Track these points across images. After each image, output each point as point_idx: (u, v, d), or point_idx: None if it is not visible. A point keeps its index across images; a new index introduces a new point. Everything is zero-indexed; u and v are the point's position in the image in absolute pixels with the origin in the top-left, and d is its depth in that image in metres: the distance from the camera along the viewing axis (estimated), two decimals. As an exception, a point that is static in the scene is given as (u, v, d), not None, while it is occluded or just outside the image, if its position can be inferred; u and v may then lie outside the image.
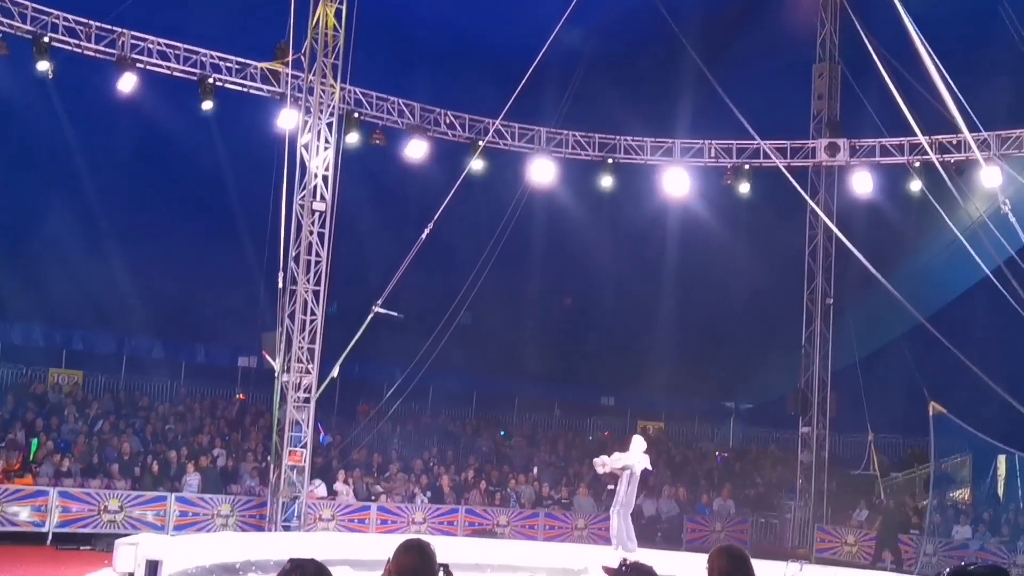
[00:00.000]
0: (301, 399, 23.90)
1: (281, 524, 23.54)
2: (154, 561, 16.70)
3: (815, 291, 29.49)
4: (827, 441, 29.32)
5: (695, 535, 29.00)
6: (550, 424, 36.47)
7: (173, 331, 34.50)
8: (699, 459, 34.72)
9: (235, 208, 31.02)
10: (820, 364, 29.33)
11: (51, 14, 23.14)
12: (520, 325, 37.41)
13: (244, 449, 27.33)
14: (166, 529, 23.24)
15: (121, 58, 23.67)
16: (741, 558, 5.58)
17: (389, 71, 29.42)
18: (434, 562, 5.35)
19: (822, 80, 29.64)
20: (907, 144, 27.37)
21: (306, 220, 23.98)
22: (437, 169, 27.53)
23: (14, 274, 30.37)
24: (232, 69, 24.97)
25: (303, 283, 23.88)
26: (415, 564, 5.32)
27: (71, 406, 26.86)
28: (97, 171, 31.12)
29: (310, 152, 24.18)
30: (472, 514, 27.04)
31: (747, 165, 28.60)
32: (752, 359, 37.45)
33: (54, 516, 22.52)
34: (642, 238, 34.85)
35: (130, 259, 32.40)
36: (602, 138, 29.07)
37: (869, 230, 29.26)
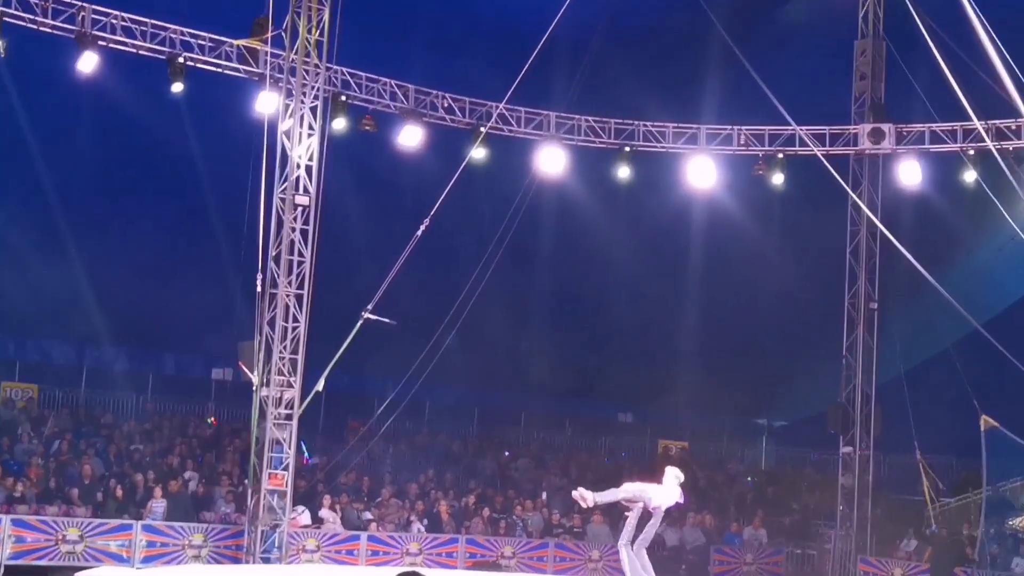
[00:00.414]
0: (282, 416, 23.86)
1: (260, 556, 23.50)
2: (118, 598, 16.69)
3: (857, 294, 29.42)
4: (871, 463, 29.22)
5: (724, 567, 28.94)
6: (561, 443, 36.43)
7: (139, 340, 34.52)
8: (727, 483, 34.66)
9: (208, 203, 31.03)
10: (863, 376, 29.23)
11: (2, -14, 23.12)
12: (527, 333, 37.37)
13: (219, 472, 27.31)
14: (132, 561, 23.19)
15: (81, 35, 23.63)
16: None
17: (380, 49, 29.42)
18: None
19: (865, 58, 29.55)
20: (960, 130, 27.29)
21: (287, 216, 23.95)
22: (434, 158, 27.50)
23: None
24: (204, 47, 24.92)
25: (284, 286, 23.84)
26: (410, 603, 5.29)
27: (25, 423, 26.82)
28: (54, 161, 31.13)
29: (292, 140, 24.15)
30: (474, 544, 26.98)
31: (781, 153, 28.53)
32: (787, 371, 37.42)
33: (6, 547, 22.47)
34: (663, 235, 34.81)
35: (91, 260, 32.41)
36: (618, 123, 29.02)
37: (917, 226, 29.22)
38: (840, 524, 29.42)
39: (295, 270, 24.01)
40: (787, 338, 36.10)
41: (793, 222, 32.59)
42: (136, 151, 31.83)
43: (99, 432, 27.89)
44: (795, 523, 31.58)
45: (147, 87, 26.51)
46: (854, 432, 29.23)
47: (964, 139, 27.30)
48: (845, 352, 29.56)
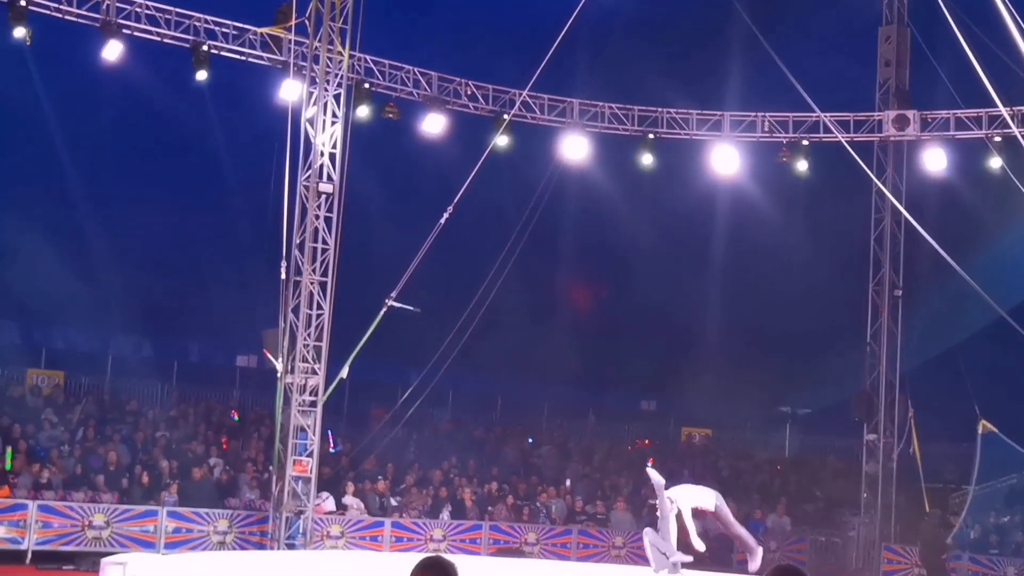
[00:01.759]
0: (306, 403, 23.94)
1: (285, 542, 23.59)
2: (144, 583, 16.76)
3: (881, 282, 29.33)
4: (895, 450, 29.15)
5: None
6: (583, 431, 36.42)
7: (164, 328, 34.64)
8: (751, 471, 34.61)
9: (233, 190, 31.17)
10: (887, 364, 29.16)
11: (28, -25, 23.21)
12: (550, 321, 37.36)
13: (243, 459, 27.41)
14: (157, 547, 23.30)
15: (106, 23, 23.72)
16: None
17: (404, 37, 29.49)
18: (457, 583, 5.33)
19: (889, 45, 29.44)
20: (986, 116, 27.18)
21: (311, 203, 24.00)
22: (457, 146, 27.52)
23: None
24: (229, 35, 24.99)
25: (308, 273, 23.89)
26: (435, 585, 5.29)
27: (51, 411, 26.95)
28: (79, 150, 31.28)
29: (315, 127, 24.19)
30: (497, 531, 27.05)
31: (805, 140, 28.46)
32: (810, 359, 37.31)
33: (33, 532, 22.61)
34: (687, 222, 34.77)
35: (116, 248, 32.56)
36: (642, 111, 28.99)
37: (942, 213, 29.12)
38: (864, 512, 29.37)
39: (319, 258, 24.06)
40: (811, 326, 35.98)
41: (817, 209, 32.50)
42: (160, 140, 31.96)
43: (124, 419, 28.00)
44: (819, 511, 31.53)
45: (171, 75, 26.60)
46: (878, 419, 29.17)
47: (989, 125, 27.19)
48: (869, 339, 29.49)
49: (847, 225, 31.49)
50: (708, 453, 35.71)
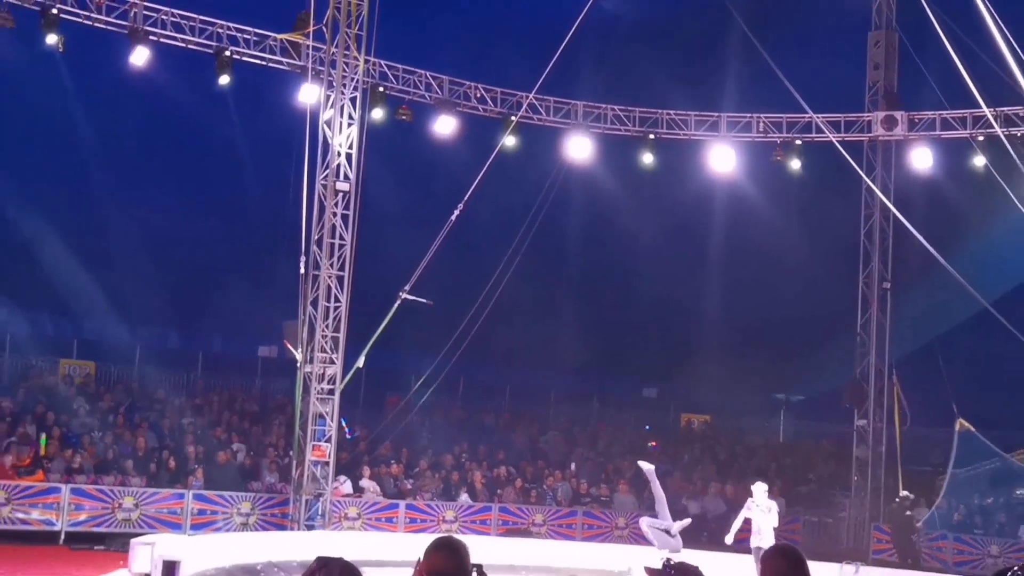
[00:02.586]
0: (325, 391, 23.97)
1: (304, 523, 23.64)
2: (171, 562, 16.84)
3: (871, 275, 29.31)
4: (884, 435, 29.14)
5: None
6: (588, 418, 36.41)
7: (189, 320, 34.70)
8: (747, 455, 34.60)
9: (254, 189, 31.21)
10: (877, 353, 29.15)
11: (59, -16, 23.25)
12: (556, 313, 37.36)
13: (265, 444, 27.45)
14: (183, 528, 23.36)
15: (133, 30, 23.76)
16: (797, 559, 5.52)
17: (416, 42, 29.49)
18: (467, 562, 5.33)
19: (878, 49, 29.40)
20: (970, 116, 27.13)
21: (329, 201, 24.01)
22: (467, 146, 27.52)
23: (21, 260, 30.58)
24: (250, 41, 25.02)
25: (326, 268, 23.92)
26: (447, 564, 5.29)
27: (82, 399, 27.00)
28: (108, 151, 31.36)
29: (332, 129, 24.20)
30: (506, 512, 27.06)
31: (798, 140, 28.43)
32: (804, 348, 37.28)
33: (66, 515, 22.67)
34: (686, 219, 34.76)
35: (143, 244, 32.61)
36: (643, 112, 28.97)
37: (929, 209, 29.07)
38: (854, 493, 29.38)
39: (336, 253, 24.08)
40: (804, 317, 35.97)
41: (810, 206, 32.48)
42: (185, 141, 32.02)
43: (152, 407, 28.05)
44: (812, 492, 31.52)
45: (196, 80, 26.64)
46: (868, 406, 29.17)
47: (974, 126, 27.14)
48: (859, 330, 29.47)
49: (838, 221, 31.46)
50: (706, 438, 35.70)
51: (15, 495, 22.40)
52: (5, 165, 29.85)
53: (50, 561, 20.46)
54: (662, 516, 20.22)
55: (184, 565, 16.92)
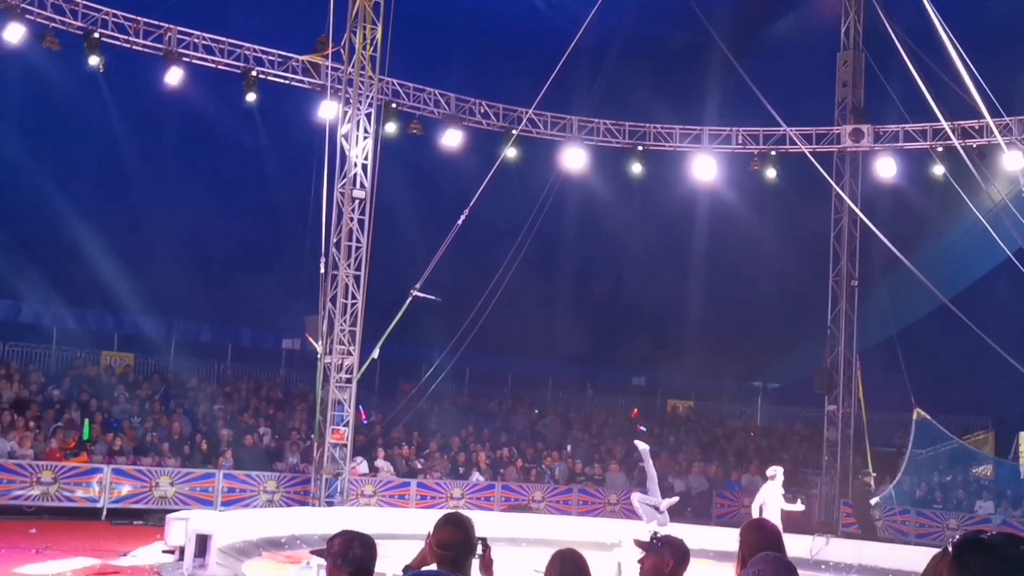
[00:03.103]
0: (343, 380, 24.01)
1: (325, 500, 23.68)
2: (204, 535, 16.86)
3: (840, 273, 29.35)
4: (852, 419, 29.18)
5: (724, 510, 28.96)
6: (583, 403, 36.45)
7: (219, 315, 34.69)
8: (727, 437, 34.65)
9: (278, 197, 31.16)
10: (845, 344, 29.18)
11: (101, 11, 23.29)
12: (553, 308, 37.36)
13: (288, 428, 27.49)
14: (215, 504, 23.41)
15: (168, 52, 23.81)
16: (773, 533, 5.57)
17: (425, 62, 29.44)
18: (473, 535, 5.37)
19: (846, 68, 29.42)
20: (930, 129, 27.16)
21: (346, 207, 24.05)
22: (472, 157, 27.52)
23: (69, 263, 30.60)
24: (274, 62, 25.06)
25: (344, 268, 23.95)
26: (455, 537, 5.34)
27: (122, 387, 27.06)
28: (146, 162, 31.33)
29: (350, 142, 24.23)
30: (508, 490, 27.12)
31: (773, 151, 28.47)
32: (779, 340, 37.29)
33: (108, 492, 22.72)
34: (672, 223, 34.73)
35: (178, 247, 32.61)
36: (632, 126, 29.00)
37: (893, 214, 29.09)
38: (825, 472, 29.42)
39: (353, 254, 24.11)
40: (780, 311, 35.97)
41: (784, 211, 32.46)
42: (216, 152, 31.98)
43: (186, 394, 28.10)
44: (786, 471, 31.37)
45: (225, 97, 26.64)
46: (837, 392, 29.20)
47: (933, 137, 27.17)
48: (830, 323, 29.51)
49: (810, 224, 31.46)
50: (690, 422, 35.76)
51: (62, 475, 22.46)
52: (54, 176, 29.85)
53: (94, 535, 20.50)
54: (652, 493, 20.24)
55: (215, 538, 16.95)
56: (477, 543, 5.39)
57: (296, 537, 20.48)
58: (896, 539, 26.14)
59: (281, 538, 20.42)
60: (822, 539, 22.29)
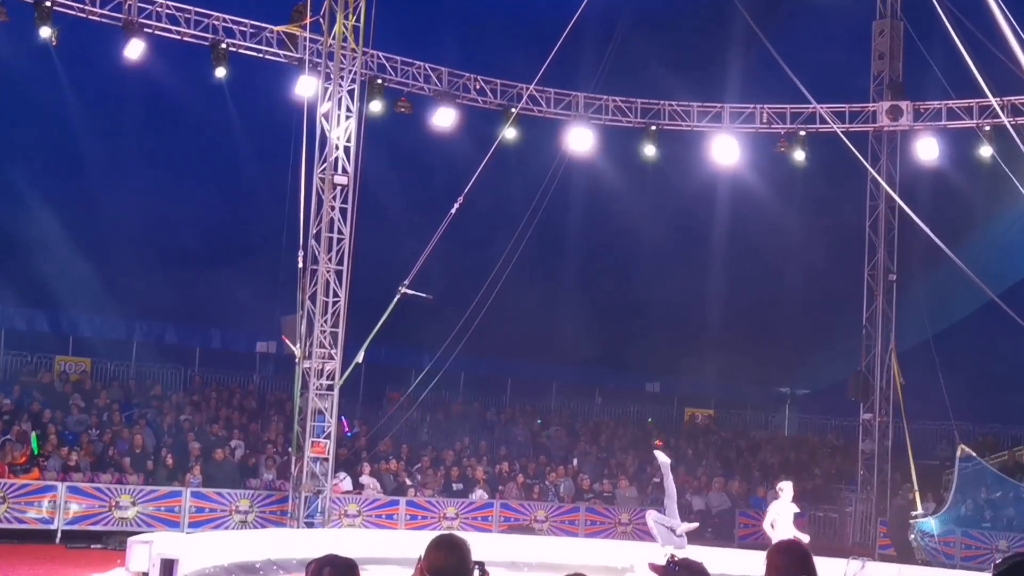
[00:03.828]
0: (324, 386, 23.99)
1: (304, 521, 23.66)
2: (169, 560, 16.85)
3: (876, 267, 29.33)
4: (890, 428, 29.16)
5: (748, 531, 28.94)
6: (590, 412, 36.46)
7: (186, 315, 34.69)
8: (752, 449, 34.65)
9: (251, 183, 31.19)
10: (882, 345, 29.16)
11: (53, -23, 23.22)
12: (557, 306, 37.37)
13: (263, 440, 27.47)
14: (181, 526, 23.39)
15: (128, 23, 23.74)
16: (804, 555, 5.54)
17: (414, 34, 29.44)
18: (469, 560, 5.34)
19: (883, 38, 29.39)
20: (976, 106, 27.11)
21: (327, 195, 24.01)
22: (467, 139, 27.52)
23: (15, 256, 30.57)
24: (246, 33, 25.02)
25: (324, 262, 23.92)
26: (448, 561, 5.30)
27: (78, 396, 27.03)
28: (104, 145, 31.32)
29: (330, 122, 24.19)
30: (508, 509, 27.10)
31: (802, 131, 28.42)
32: (808, 341, 37.31)
33: (63, 513, 22.69)
34: (689, 211, 34.76)
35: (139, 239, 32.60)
36: (645, 103, 28.96)
37: (935, 200, 29.10)
38: (860, 488, 29.41)
39: (335, 247, 24.08)
40: (809, 309, 36.00)
41: (814, 197, 32.47)
42: (181, 133, 31.98)
43: (149, 403, 28.07)
44: (817, 487, 31.55)
45: (191, 72, 26.63)
46: (874, 399, 29.19)
47: (980, 115, 27.13)
48: (865, 322, 29.49)
49: (843, 212, 31.48)
50: (710, 432, 35.74)
51: (11, 493, 22.45)
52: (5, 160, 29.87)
53: (47, 560, 20.49)
54: (670, 512, 20.25)
55: (182, 563, 16.94)
56: (473, 568, 5.36)
57: (272, 562, 20.47)
58: (940, 562, 26.10)
59: (255, 563, 20.40)
60: (857, 563, 22.25)
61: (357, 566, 5.31)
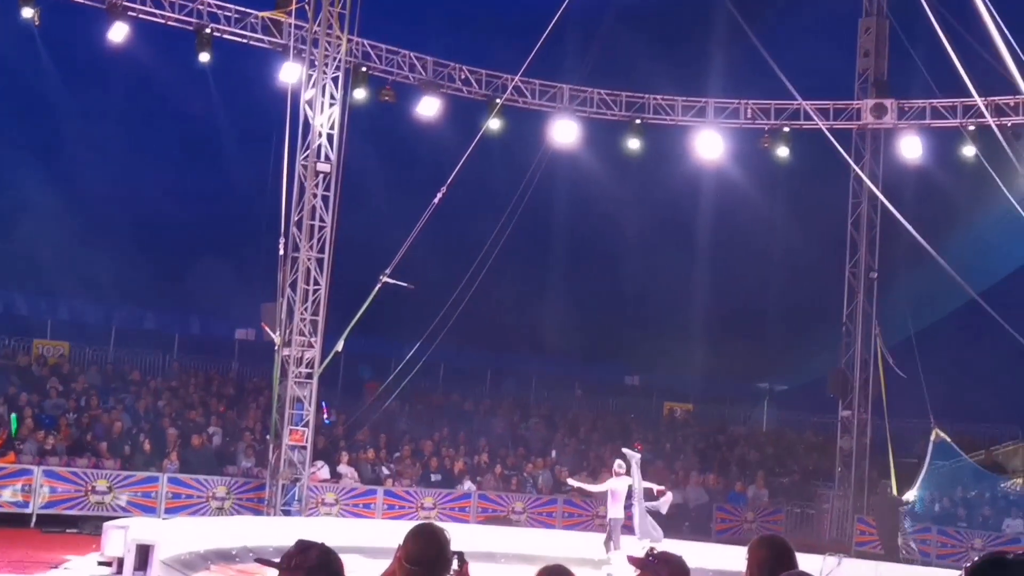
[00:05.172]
0: (303, 374, 23.91)
1: (281, 508, 23.60)
2: (145, 545, 16.76)
3: (858, 264, 29.37)
4: (869, 425, 29.22)
5: (725, 525, 28.98)
6: (569, 404, 36.43)
7: (166, 301, 34.57)
8: (730, 444, 34.68)
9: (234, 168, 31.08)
10: (862, 343, 29.21)
11: (36, -43, 23.06)
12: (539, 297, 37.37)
13: (241, 428, 27.37)
14: (158, 512, 23.28)
15: (112, 5, 23.58)
16: (784, 550, 5.50)
17: (400, 22, 29.39)
18: (448, 549, 5.29)
19: (869, 36, 29.40)
20: (960, 106, 27.17)
21: (309, 182, 23.92)
22: (451, 128, 27.45)
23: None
24: (231, 19, 24.89)
25: (306, 250, 23.83)
26: (427, 551, 5.25)
27: (56, 379, 26.89)
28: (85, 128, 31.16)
29: (314, 109, 24.09)
30: (486, 500, 27.06)
31: (786, 127, 28.45)
32: (788, 337, 37.38)
33: (38, 497, 22.57)
34: (672, 205, 34.77)
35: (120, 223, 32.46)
36: (629, 96, 28.93)
37: (918, 198, 29.14)
38: (838, 485, 29.46)
39: (316, 235, 24.00)
40: (789, 306, 36.06)
41: (797, 194, 32.52)
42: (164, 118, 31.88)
43: (127, 388, 27.96)
44: (794, 483, 31.62)
45: (175, 57, 26.51)
46: (853, 396, 29.24)
47: (964, 115, 27.18)
48: (845, 319, 29.53)
49: (826, 209, 31.53)
50: (688, 427, 35.77)
51: (-14, 476, 22.31)
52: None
53: (21, 544, 20.35)
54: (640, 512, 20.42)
55: (158, 549, 16.85)
56: (452, 558, 5.31)
57: (248, 549, 20.35)
58: (916, 559, 26.17)
59: (232, 550, 20.31)
60: (834, 559, 22.24)
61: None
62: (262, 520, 22.93)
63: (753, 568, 5.35)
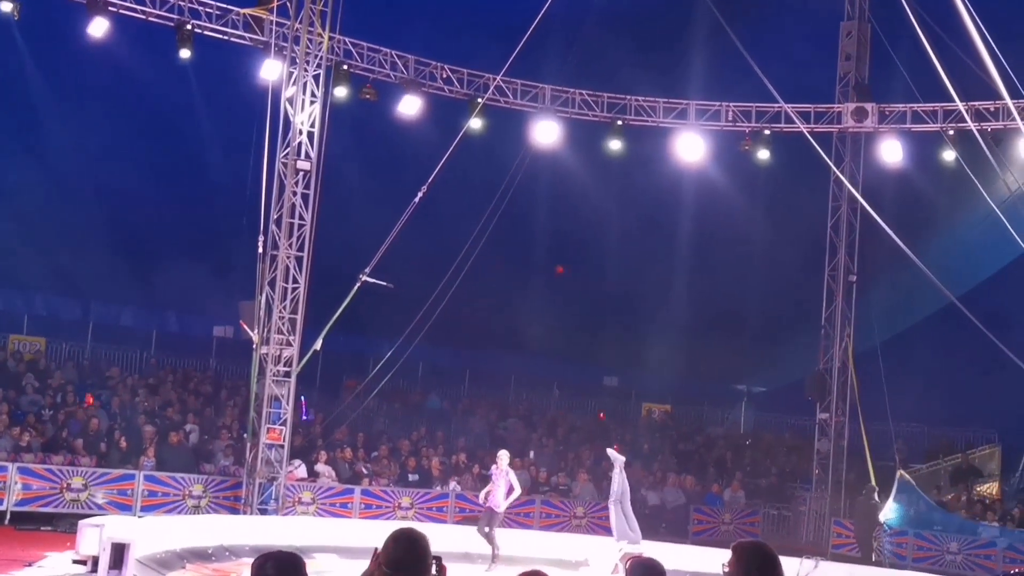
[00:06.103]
0: (281, 373, 23.82)
1: (257, 507, 23.49)
2: (120, 544, 16.62)
3: (837, 267, 29.44)
4: (846, 428, 29.28)
5: (702, 527, 28.98)
6: (548, 405, 36.41)
7: (143, 297, 34.42)
8: (708, 445, 34.71)
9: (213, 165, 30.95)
10: (840, 346, 29.27)
11: (16, -50, 22.91)
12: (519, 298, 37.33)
13: (218, 425, 27.26)
14: (133, 510, 23.15)
15: (92, 1, 23.44)
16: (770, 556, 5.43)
17: (382, 20, 29.30)
18: (428, 555, 5.22)
19: (850, 39, 29.47)
20: (941, 110, 27.23)
21: (289, 180, 23.83)
22: (432, 128, 27.39)
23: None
24: (212, 15, 24.76)
25: (285, 248, 23.74)
26: (406, 556, 5.19)
27: (32, 376, 26.74)
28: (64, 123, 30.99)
29: (295, 106, 23.99)
30: (463, 500, 26.98)
31: (767, 130, 28.47)
32: (767, 339, 37.44)
33: (12, 494, 22.41)
34: (652, 206, 34.78)
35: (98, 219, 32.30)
36: (611, 97, 28.91)
37: (898, 202, 29.18)
38: (815, 487, 29.51)
39: (296, 233, 23.91)
40: (769, 308, 36.12)
41: (777, 196, 32.57)
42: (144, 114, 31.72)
43: (104, 385, 27.82)
44: (772, 485, 31.65)
45: (156, 53, 26.38)
46: (831, 399, 29.29)
47: (945, 119, 27.24)
48: (824, 322, 29.59)
49: (805, 212, 31.58)
50: (667, 428, 35.78)
51: (-40, 473, 22.14)
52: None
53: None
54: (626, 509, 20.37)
55: (133, 547, 16.73)
56: (431, 563, 5.24)
57: (225, 548, 20.28)
58: (893, 563, 26.20)
59: (208, 549, 20.21)
60: (810, 562, 22.25)
61: (302, 559, 5.19)
62: (239, 519, 22.82)
63: (740, 569, 5.28)
